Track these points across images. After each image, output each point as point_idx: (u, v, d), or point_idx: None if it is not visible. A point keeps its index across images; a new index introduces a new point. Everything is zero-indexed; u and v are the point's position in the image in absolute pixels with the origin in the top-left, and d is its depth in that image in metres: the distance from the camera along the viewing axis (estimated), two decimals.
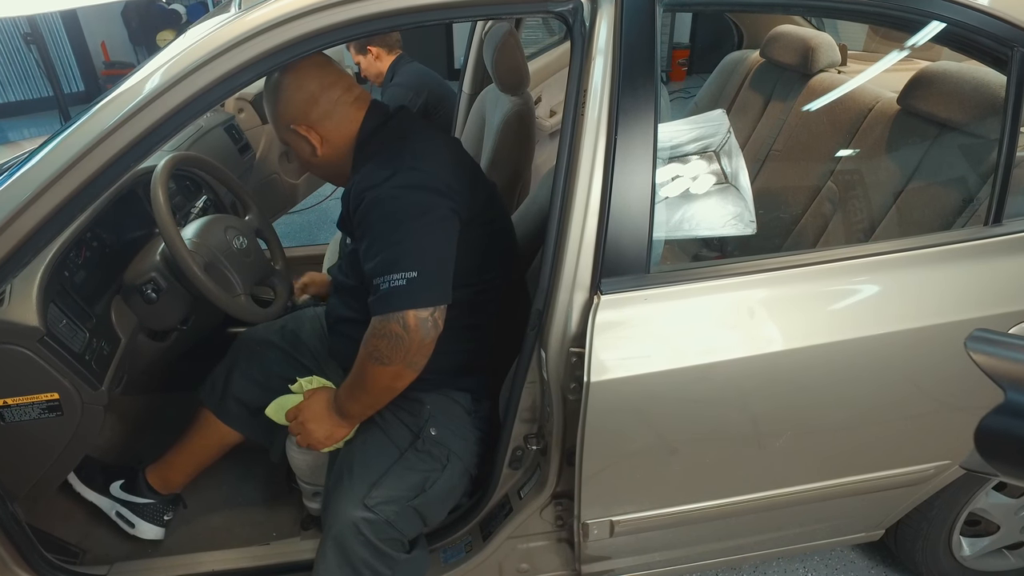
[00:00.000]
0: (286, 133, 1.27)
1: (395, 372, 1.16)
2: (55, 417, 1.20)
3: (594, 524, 1.26)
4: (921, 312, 1.18)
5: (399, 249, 1.13)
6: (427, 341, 1.14)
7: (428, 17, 1.06)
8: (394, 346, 1.13)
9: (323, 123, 1.24)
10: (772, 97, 2.21)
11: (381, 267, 1.14)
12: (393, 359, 1.14)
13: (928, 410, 1.26)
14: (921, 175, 1.53)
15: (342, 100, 1.24)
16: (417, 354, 1.15)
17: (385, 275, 1.13)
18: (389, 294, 1.12)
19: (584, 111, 1.06)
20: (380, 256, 1.14)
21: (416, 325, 1.12)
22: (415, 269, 1.11)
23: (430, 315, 1.13)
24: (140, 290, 1.40)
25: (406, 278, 1.11)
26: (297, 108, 1.23)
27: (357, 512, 1.20)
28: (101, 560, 1.47)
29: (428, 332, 1.14)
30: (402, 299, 1.12)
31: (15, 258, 1.02)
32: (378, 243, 1.15)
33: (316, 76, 1.22)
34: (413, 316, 1.12)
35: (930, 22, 1.19)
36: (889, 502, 1.42)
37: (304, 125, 1.24)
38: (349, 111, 1.25)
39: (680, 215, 1.48)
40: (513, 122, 1.94)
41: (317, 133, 1.24)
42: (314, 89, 1.22)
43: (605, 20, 1.05)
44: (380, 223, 1.15)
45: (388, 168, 1.17)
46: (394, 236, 1.14)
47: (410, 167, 1.18)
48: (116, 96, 1.03)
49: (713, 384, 1.13)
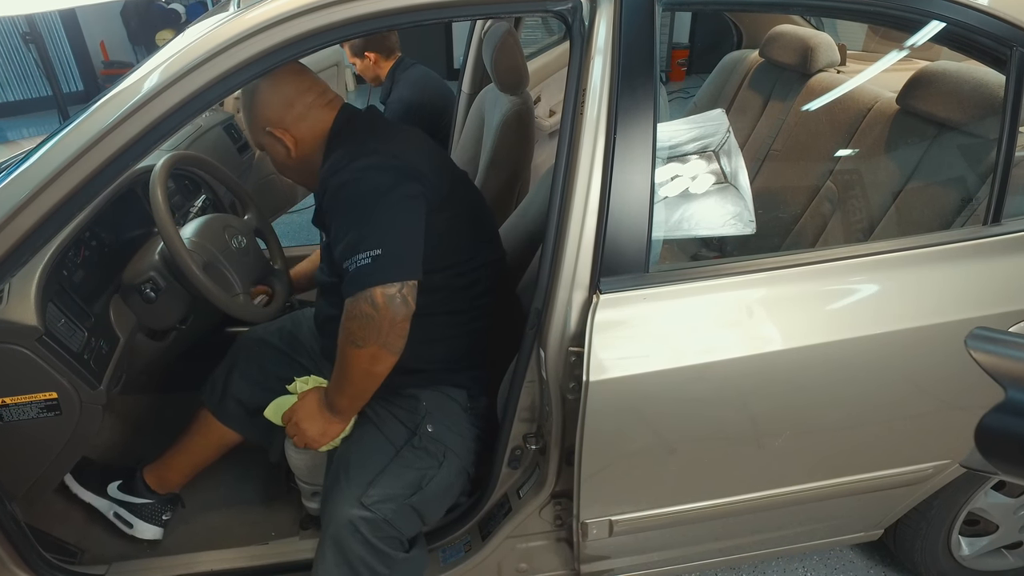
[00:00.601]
0: (261, 135, 1.31)
1: (372, 354, 1.15)
2: (53, 416, 1.19)
3: (593, 524, 1.26)
4: (920, 311, 1.18)
5: (363, 229, 1.14)
6: (399, 319, 1.13)
7: (427, 16, 1.06)
8: (366, 326, 1.13)
9: (297, 125, 1.28)
10: (771, 97, 2.21)
11: (347, 250, 1.14)
12: (367, 340, 1.14)
13: (927, 410, 1.26)
14: (920, 175, 1.54)
15: (315, 104, 1.29)
16: (390, 333, 1.14)
17: (351, 256, 1.13)
18: (356, 274, 1.13)
19: (583, 110, 1.06)
20: (346, 239, 1.15)
21: (384, 302, 1.12)
22: (379, 246, 1.12)
23: (398, 291, 1.12)
24: (139, 289, 1.40)
25: (370, 256, 1.11)
26: (273, 111, 1.27)
27: (355, 511, 1.20)
28: (99, 560, 1.47)
29: (399, 308, 1.13)
30: (369, 277, 1.12)
31: (13, 257, 1.02)
32: (344, 227, 1.17)
33: (292, 81, 1.27)
34: (380, 293, 1.11)
35: (929, 22, 1.19)
36: (888, 502, 1.42)
37: (280, 128, 1.28)
38: (322, 113, 1.29)
39: (679, 215, 1.48)
40: (512, 122, 1.94)
41: (291, 135, 1.28)
42: (290, 93, 1.27)
43: (604, 19, 1.05)
44: (344, 206, 1.18)
45: (349, 155, 1.20)
46: (357, 217, 1.15)
47: (372, 151, 1.21)
48: (115, 95, 1.03)
49: (712, 384, 1.13)
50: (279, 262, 1.66)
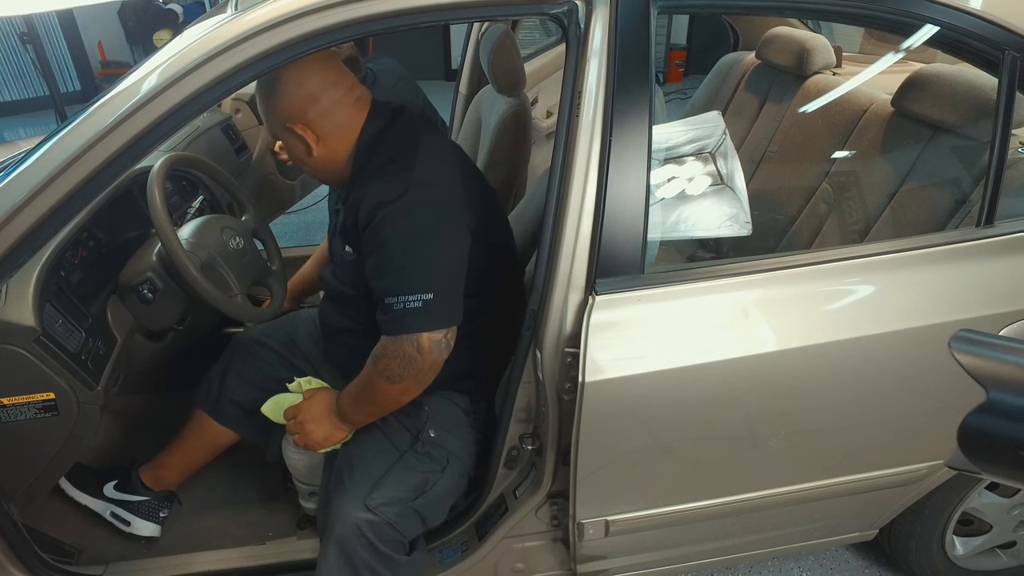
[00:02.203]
0: (280, 130, 1.21)
1: (403, 389, 1.17)
2: (51, 417, 1.20)
3: (589, 524, 1.26)
4: (914, 313, 1.18)
5: (415, 269, 1.12)
6: (439, 361, 1.15)
7: (425, 19, 1.07)
8: (406, 366, 1.14)
9: (321, 123, 1.18)
10: (768, 99, 2.22)
11: (395, 286, 1.12)
12: (405, 378, 1.15)
13: (921, 411, 1.27)
14: (915, 176, 1.54)
15: (343, 100, 1.19)
16: (428, 373, 1.16)
17: (399, 295, 1.11)
18: (404, 315, 1.11)
19: (579, 112, 1.07)
20: (394, 275, 1.12)
21: (430, 347, 1.13)
22: (431, 291, 1.10)
23: (443, 336, 1.14)
24: (136, 290, 1.40)
25: (422, 300, 1.10)
26: (295, 106, 1.17)
27: (359, 513, 1.20)
28: (96, 560, 1.47)
29: (440, 353, 1.14)
30: (417, 321, 1.11)
31: (11, 258, 1.02)
32: (392, 262, 1.13)
33: (318, 73, 1.16)
34: (427, 338, 1.12)
35: (923, 25, 1.20)
36: (882, 502, 1.43)
37: (301, 124, 1.18)
38: (350, 112, 1.20)
39: (676, 216, 1.49)
40: (510, 123, 1.95)
41: (314, 132, 1.19)
42: (315, 87, 1.16)
43: (600, 22, 1.06)
44: (394, 241, 1.13)
45: (400, 184, 1.14)
46: (409, 255, 1.12)
47: (424, 182, 1.15)
48: (113, 96, 1.03)
49: (708, 384, 1.14)
50: (276, 263, 1.66)
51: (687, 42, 6.50)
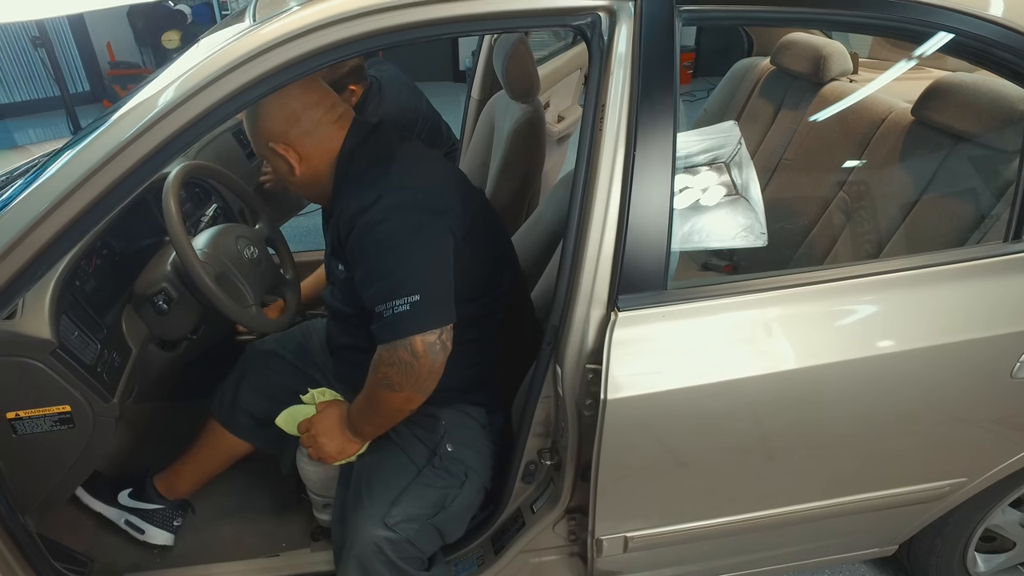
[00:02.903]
0: (264, 149, 1.22)
1: (406, 397, 1.15)
2: (67, 429, 1.19)
3: (607, 540, 1.25)
4: (938, 330, 1.16)
5: (398, 273, 1.10)
6: (437, 365, 1.13)
7: (444, 31, 1.05)
8: (404, 373, 1.12)
9: (302, 142, 1.19)
10: (783, 105, 2.20)
11: (381, 294, 1.11)
12: (404, 385, 1.13)
13: (944, 428, 1.25)
14: (935, 188, 1.52)
15: (323, 120, 1.20)
16: (428, 378, 1.13)
17: (387, 302, 1.10)
18: (394, 321, 1.10)
19: (602, 125, 1.05)
20: (379, 283, 1.12)
21: (425, 350, 1.10)
22: (417, 292, 1.09)
23: (437, 338, 1.11)
24: (151, 300, 1.40)
25: (409, 302, 1.09)
26: (277, 125, 1.18)
27: (379, 531, 1.19)
28: (109, 570, 1.47)
29: (437, 355, 1.12)
30: (408, 325, 1.10)
31: (29, 271, 1.01)
32: (376, 270, 1.13)
33: (298, 94, 1.18)
34: (420, 341, 1.10)
35: (947, 35, 1.18)
36: (903, 518, 1.41)
37: (283, 144, 1.19)
38: (330, 130, 1.21)
39: (690, 227, 1.47)
40: (524, 129, 1.93)
41: (296, 152, 1.20)
42: (296, 107, 1.18)
43: (624, 34, 1.04)
44: (374, 248, 1.13)
45: (374, 190, 1.14)
46: (391, 260, 1.11)
47: (397, 187, 1.15)
48: (130, 109, 1.02)
49: (731, 402, 1.12)
50: (290, 271, 1.66)
51: (696, 44, 6.47)
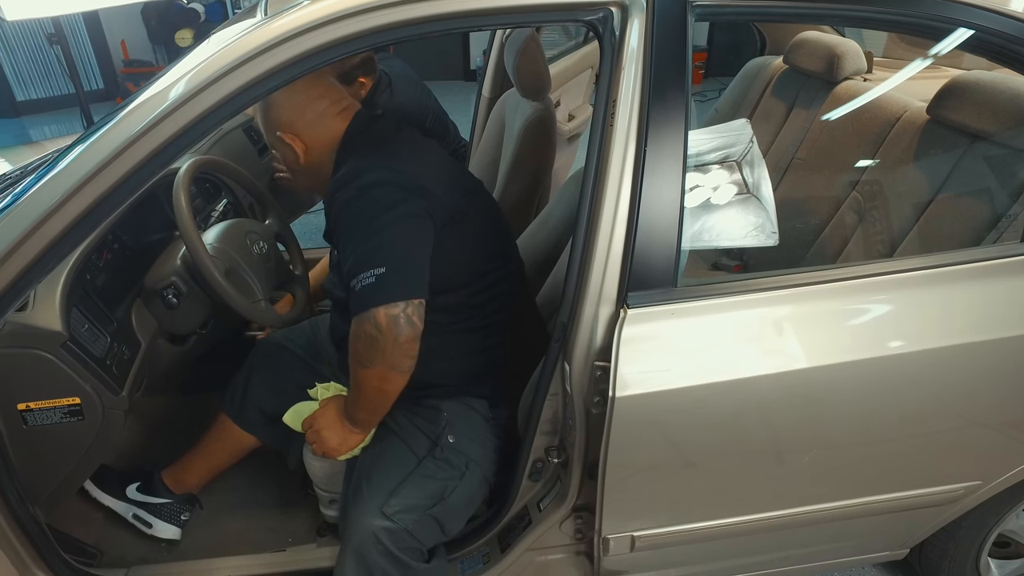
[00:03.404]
0: (273, 138, 1.29)
1: (380, 374, 1.14)
2: (76, 421, 1.20)
3: (614, 539, 1.24)
4: (951, 330, 1.15)
5: (368, 246, 1.12)
6: (402, 339, 1.11)
7: (456, 25, 1.05)
8: (371, 347, 1.11)
9: (308, 132, 1.25)
10: (795, 104, 2.18)
11: (354, 268, 1.12)
12: (373, 361, 1.12)
13: (957, 431, 1.23)
14: (950, 187, 1.50)
15: (328, 112, 1.26)
16: (395, 353, 1.11)
17: (357, 275, 1.11)
18: (361, 293, 1.11)
19: (613, 121, 1.05)
20: (352, 256, 1.13)
21: (388, 323, 1.09)
22: (383, 264, 1.10)
23: (402, 311, 1.10)
24: (161, 295, 1.40)
25: (374, 275, 1.09)
26: (285, 115, 1.25)
27: (376, 521, 1.19)
28: (118, 563, 1.47)
29: (402, 329, 1.10)
30: (372, 297, 1.10)
31: (40, 264, 1.02)
32: (350, 244, 1.15)
33: (305, 86, 1.23)
34: (384, 313, 1.09)
35: (967, 31, 1.16)
36: (915, 521, 1.39)
37: (290, 133, 1.25)
38: (334, 121, 1.26)
39: (700, 225, 1.46)
40: (534, 127, 1.93)
41: (302, 141, 1.26)
42: (302, 98, 1.24)
43: (635, 29, 1.03)
44: (349, 223, 1.16)
45: (356, 169, 1.18)
46: (362, 233, 1.13)
47: (377, 166, 1.19)
48: (142, 103, 1.03)
49: (741, 401, 1.11)
50: (299, 267, 1.66)
51: (707, 43, 6.43)
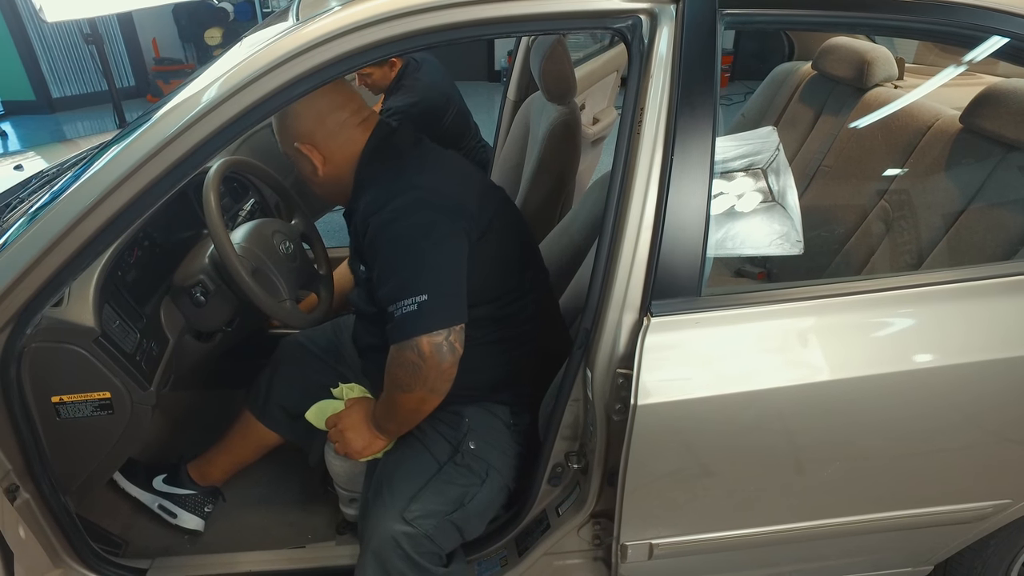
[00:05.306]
0: (290, 149, 1.25)
1: (419, 397, 1.16)
2: (107, 415, 1.23)
3: (633, 546, 1.23)
4: (983, 345, 1.13)
5: (407, 273, 1.12)
6: (445, 366, 1.13)
7: (484, 32, 1.05)
8: (412, 374, 1.13)
9: (327, 143, 1.22)
10: (823, 111, 2.15)
11: (392, 293, 1.13)
12: (414, 386, 1.14)
13: (987, 448, 1.21)
14: (983, 198, 1.47)
15: (348, 123, 1.23)
16: (437, 379, 1.14)
17: (396, 301, 1.11)
18: (402, 321, 1.11)
19: (640, 129, 1.04)
20: (390, 282, 1.13)
21: (431, 351, 1.11)
22: (425, 292, 1.10)
23: (444, 339, 1.11)
24: (189, 292, 1.43)
25: (416, 302, 1.10)
26: (303, 126, 1.21)
27: (396, 526, 1.20)
28: (142, 553, 1.50)
29: (444, 356, 1.12)
30: (414, 325, 1.10)
31: (76, 261, 1.04)
32: (388, 269, 1.14)
33: (326, 95, 1.20)
34: (427, 342, 1.10)
35: (1002, 39, 1.14)
36: (940, 538, 1.37)
37: (308, 144, 1.22)
38: (354, 132, 1.23)
39: (724, 232, 1.45)
40: (559, 131, 1.93)
41: (320, 153, 1.23)
42: (322, 109, 1.21)
43: (664, 37, 1.03)
44: (387, 248, 1.15)
45: (388, 191, 1.16)
46: (401, 260, 1.13)
47: (410, 186, 1.17)
48: (175, 106, 1.05)
49: (763, 412, 1.10)
50: (324, 267, 1.68)
51: (734, 47, 6.38)
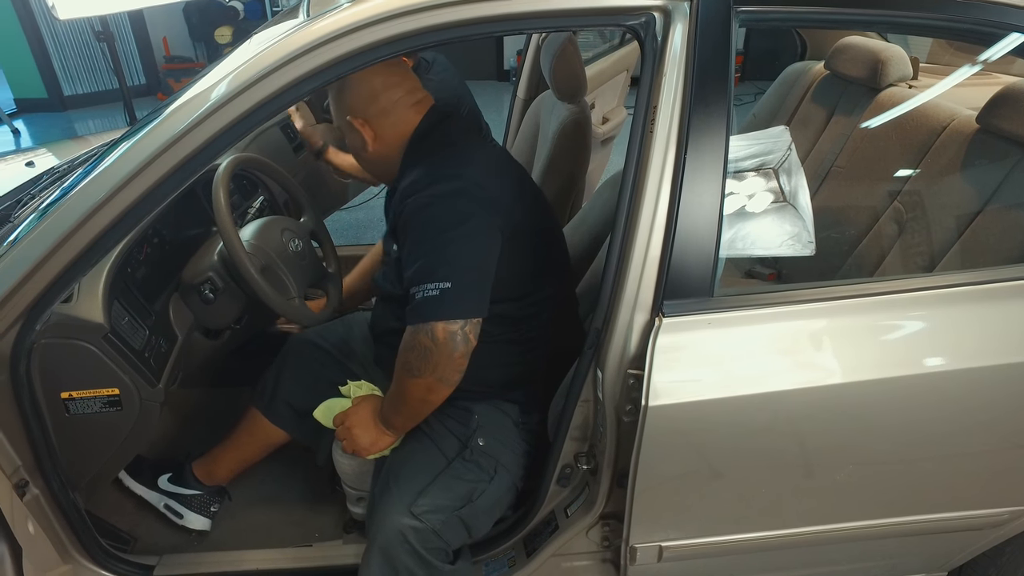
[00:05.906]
0: (342, 122, 1.27)
1: (427, 385, 1.15)
2: (115, 412, 1.22)
3: (642, 548, 1.23)
4: (1001, 349, 1.11)
5: (435, 258, 1.11)
6: (456, 355, 1.12)
7: (496, 28, 1.05)
8: (423, 358, 1.12)
9: (379, 120, 1.24)
10: (836, 111, 2.13)
11: (417, 275, 1.12)
12: (423, 371, 1.13)
13: (1003, 453, 1.19)
14: (1000, 200, 1.45)
15: (402, 101, 1.24)
16: (447, 368, 1.13)
17: (420, 284, 1.11)
18: (422, 304, 1.11)
19: (653, 128, 1.03)
20: (417, 264, 1.13)
21: (445, 338, 1.10)
22: (449, 280, 1.10)
23: (460, 328, 1.11)
24: (198, 289, 1.43)
25: (439, 288, 1.09)
26: (357, 100, 1.23)
27: (404, 520, 1.20)
28: (150, 550, 1.51)
29: (457, 346, 1.11)
30: (432, 310, 1.10)
31: (86, 257, 1.05)
32: (416, 251, 1.14)
33: (381, 73, 1.22)
34: (442, 328, 1.10)
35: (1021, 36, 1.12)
36: (955, 544, 1.35)
37: (360, 119, 1.24)
38: (407, 113, 1.24)
39: (734, 232, 1.44)
40: (569, 130, 1.92)
41: (371, 129, 1.24)
42: (377, 86, 1.22)
43: (678, 35, 1.02)
44: (419, 230, 1.15)
45: (431, 176, 1.17)
46: (431, 244, 1.13)
47: (453, 174, 1.17)
48: (185, 102, 1.04)
49: (776, 414, 1.09)
50: (333, 265, 1.67)
51: (744, 46, 6.34)
